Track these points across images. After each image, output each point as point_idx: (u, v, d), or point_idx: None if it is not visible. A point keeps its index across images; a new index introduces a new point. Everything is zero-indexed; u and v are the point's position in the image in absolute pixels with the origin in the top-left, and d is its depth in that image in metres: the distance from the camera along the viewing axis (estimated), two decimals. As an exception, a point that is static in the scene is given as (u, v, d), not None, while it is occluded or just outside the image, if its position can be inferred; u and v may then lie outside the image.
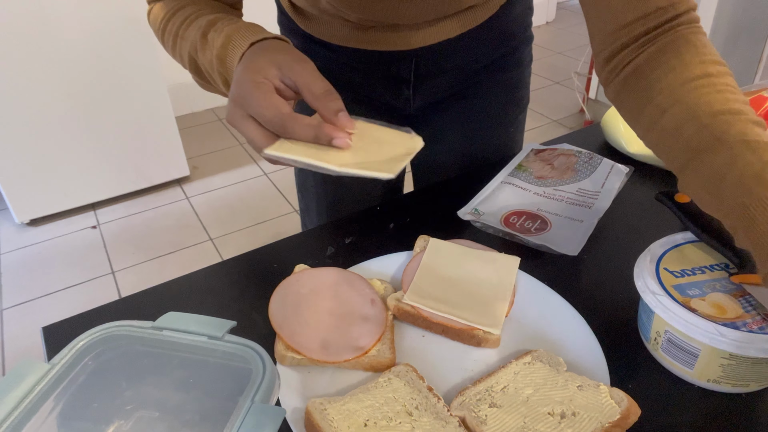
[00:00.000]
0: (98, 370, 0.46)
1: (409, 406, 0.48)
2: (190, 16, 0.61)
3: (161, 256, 2.10)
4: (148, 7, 0.67)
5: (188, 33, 0.61)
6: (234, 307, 0.62)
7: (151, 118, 2.28)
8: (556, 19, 4.11)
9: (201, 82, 0.64)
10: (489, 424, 0.46)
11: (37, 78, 2.00)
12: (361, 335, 0.55)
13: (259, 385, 0.41)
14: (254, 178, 2.54)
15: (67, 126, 2.12)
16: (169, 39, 0.63)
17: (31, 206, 2.20)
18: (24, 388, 0.42)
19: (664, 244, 0.57)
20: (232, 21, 0.58)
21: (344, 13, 0.71)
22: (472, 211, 0.75)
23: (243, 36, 0.55)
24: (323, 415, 0.46)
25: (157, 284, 0.65)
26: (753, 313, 0.49)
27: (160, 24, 0.64)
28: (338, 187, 0.91)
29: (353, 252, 0.69)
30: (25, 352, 1.73)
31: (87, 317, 0.61)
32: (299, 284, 0.60)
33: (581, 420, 0.46)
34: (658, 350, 0.53)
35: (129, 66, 2.14)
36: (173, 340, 0.46)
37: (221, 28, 0.57)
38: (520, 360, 0.53)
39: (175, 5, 0.63)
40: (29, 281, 2.00)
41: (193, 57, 0.61)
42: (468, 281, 0.61)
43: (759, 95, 0.63)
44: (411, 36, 0.76)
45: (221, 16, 0.60)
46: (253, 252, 0.71)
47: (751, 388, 0.51)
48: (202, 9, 0.62)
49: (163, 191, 2.45)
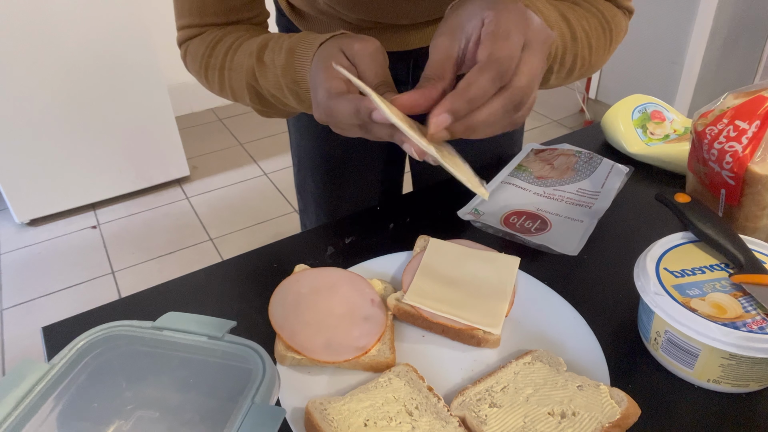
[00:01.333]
0: (98, 370, 0.46)
1: (409, 406, 0.48)
2: (232, 46, 0.59)
3: (161, 256, 2.10)
4: (181, 50, 0.65)
5: (236, 62, 0.58)
6: (234, 307, 0.62)
7: (151, 118, 2.28)
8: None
9: (262, 109, 0.61)
10: (489, 424, 0.46)
11: (38, 78, 2.00)
12: (361, 335, 0.55)
13: (259, 385, 0.41)
14: (254, 178, 2.54)
15: (68, 126, 2.12)
16: (214, 74, 0.61)
17: (31, 206, 2.20)
18: (24, 388, 0.42)
19: (664, 244, 0.57)
20: (283, 37, 0.56)
21: (342, 13, 0.71)
22: (472, 211, 0.75)
23: (306, 43, 0.53)
24: (323, 415, 0.46)
25: (157, 284, 0.65)
26: (753, 313, 0.49)
27: (201, 61, 0.61)
28: (337, 188, 0.91)
29: (353, 252, 0.69)
30: (25, 352, 1.73)
31: (87, 317, 0.61)
32: (299, 284, 0.60)
33: (581, 420, 0.46)
34: (658, 350, 0.53)
35: (129, 66, 2.14)
36: (173, 340, 0.46)
37: (276, 47, 0.55)
38: (520, 360, 0.53)
39: (211, 39, 0.61)
40: (29, 281, 2.00)
41: (251, 84, 0.58)
42: (468, 281, 0.61)
43: (759, 95, 0.63)
44: (409, 37, 0.76)
45: (267, 36, 0.58)
46: (253, 252, 0.71)
47: (751, 388, 0.51)
48: (241, 36, 0.60)
49: (163, 191, 2.45)
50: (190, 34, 0.64)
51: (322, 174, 0.91)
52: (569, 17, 0.56)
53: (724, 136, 0.63)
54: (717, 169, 0.64)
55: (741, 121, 0.63)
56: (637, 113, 0.88)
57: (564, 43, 0.55)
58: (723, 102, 0.66)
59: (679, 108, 2.44)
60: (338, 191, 0.91)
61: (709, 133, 0.65)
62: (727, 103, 0.65)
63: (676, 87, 2.44)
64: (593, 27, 0.59)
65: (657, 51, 2.44)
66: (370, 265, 0.65)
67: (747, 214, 0.64)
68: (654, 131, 0.86)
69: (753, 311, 0.49)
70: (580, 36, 0.57)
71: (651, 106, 0.89)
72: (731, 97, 0.66)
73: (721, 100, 0.67)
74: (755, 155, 0.61)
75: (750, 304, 0.50)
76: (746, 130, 0.62)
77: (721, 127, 0.64)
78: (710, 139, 0.64)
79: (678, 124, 0.88)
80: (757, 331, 0.47)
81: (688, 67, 2.37)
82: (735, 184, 0.62)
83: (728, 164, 0.62)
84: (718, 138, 0.63)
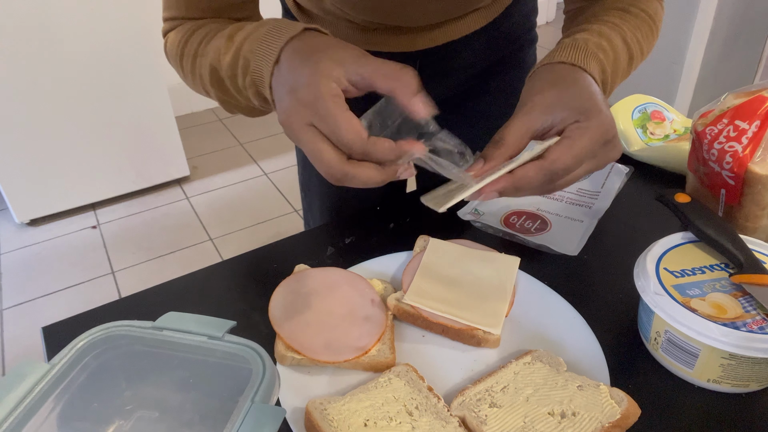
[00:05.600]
0: (98, 370, 0.46)
1: (409, 406, 0.48)
2: (209, 33, 0.57)
3: (161, 256, 2.10)
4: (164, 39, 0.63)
5: (209, 48, 0.56)
6: (234, 307, 0.62)
7: (151, 118, 2.28)
8: (556, 19, 4.11)
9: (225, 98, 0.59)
10: (489, 424, 0.46)
11: (38, 78, 2.00)
12: (361, 335, 0.55)
13: (259, 385, 0.41)
14: (254, 178, 2.54)
15: (68, 126, 2.12)
16: (188, 62, 0.59)
17: (31, 206, 2.20)
18: (24, 388, 0.41)
19: (664, 244, 0.57)
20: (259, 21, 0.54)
21: (349, 14, 0.71)
22: (472, 211, 0.75)
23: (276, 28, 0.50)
24: (323, 415, 0.46)
25: (157, 284, 0.65)
26: (753, 313, 0.49)
27: (177, 49, 0.60)
28: (339, 188, 0.91)
29: (353, 252, 0.69)
30: (25, 352, 1.73)
31: (87, 317, 0.61)
32: (299, 284, 0.60)
33: (581, 420, 0.46)
34: (658, 350, 0.53)
35: (129, 66, 2.14)
36: (173, 340, 0.46)
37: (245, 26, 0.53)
38: (520, 360, 0.53)
39: (191, 27, 0.59)
40: (29, 281, 2.00)
41: (215, 67, 0.55)
42: (468, 281, 0.61)
43: (759, 95, 0.63)
44: (416, 38, 0.76)
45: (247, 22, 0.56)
46: (253, 252, 0.71)
47: (751, 388, 0.51)
48: (221, 25, 0.58)
49: (163, 191, 2.45)
50: (174, 26, 0.62)
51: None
52: (628, 40, 0.61)
53: (724, 136, 0.63)
54: (717, 169, 0.64)
55: (741, 121, 0.63)
56: (637, 113, 0.88)
57: (623, 68, 0.62)
58: (723, 102, 0.66)
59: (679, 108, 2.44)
60: (343, 189, 0.91)
61: (709, 133, 0.65)
62: (727, 103, 0.65)
63: (676, 87, 2.44)
64: (645, 34, 0.63)
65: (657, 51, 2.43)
66: (370, 265, 0.65)
67: (747, 214, 0.64)
68: (654, 131, 0.86)
69: (753, 311, 0.49)
70: (636, 54, 0.63)
71: (651, 106, 0.89)
72: (731, 97, 0.66)
73: (721, 100, 0.67)
74: (755, 155, 0.61)
75: (750, 304, 0.50)
76: (746, 130, 0.62)
77: (721, 127, 0.64)
78: (710, 139, 0.64)
79: (678, 124, 0.88)
80: (757, 331, 0.47)
81: (688, 67, 2.37)
82: (735, 184, 0.62)
83: (728, 164, 0.62)
84: (718, 138, 0.64)
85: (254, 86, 0.52)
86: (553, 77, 0.54)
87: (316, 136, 0.44)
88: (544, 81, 0.54)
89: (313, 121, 0.44)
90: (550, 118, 0.50)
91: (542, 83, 0.53)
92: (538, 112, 0.50)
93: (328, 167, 0.44)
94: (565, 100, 0.51)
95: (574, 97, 0.51)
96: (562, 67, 0.55)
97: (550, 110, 0.50)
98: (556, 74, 0.54)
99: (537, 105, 0.51)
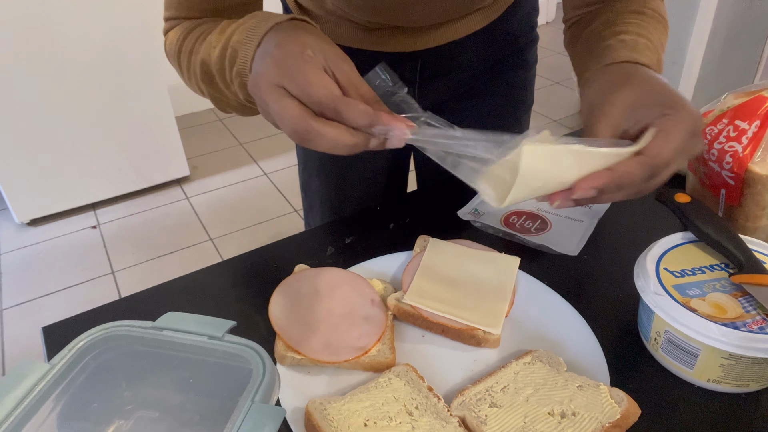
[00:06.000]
0: (98, 370, 0.46)
1: (409, 406, 0.48)
2: (205, 31, 0.57)
3: (161, 256, 2.10)
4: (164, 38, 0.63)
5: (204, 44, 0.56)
6: (234, 307, 0.62)
7: (151, 118, 2.28)
8: (556, 19, 4.11)
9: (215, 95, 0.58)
10: (489, 424, 0.46)
11: (38, 78, 2.00)
12: (361, 335, 0.55)
13: (259, 385, 0.41)
14: (254, 178, 2.54)
15: (67, 126, 2.12)
16: (184, 59, 0.58)
17: (31, 206, 2.20)
18: (24, 388, 0.42)
19: (664, 244, 0.57)
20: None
21: (350, 14, 0.70)
22: (472, 211, 0.75)
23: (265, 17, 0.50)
24: (323, 415, 0.46)
25: (157, 284, 0.65)
26: (753, 313, 0.49)
27: (175, 47, 0.59)
28: (342, 186, 0.91)
29: (353, 252, 0.69)
30: (25, 352, 1.73)
31: (87, 317, 0.61)
32: (299, 284, 0.60)
33: (581, 420, 0.46)
34: (658, 350, 0.53)
35: (129, 66, 2.14)
36: (173, 340, 0.46)
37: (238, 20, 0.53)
38: (520, 360, 0.53)
39: (189, 25, 0.59)
40: (29, 281, 2.00)
41: (206, 62, 0.54)
42: (468, 281, 0.61)
43: (759, 95, 0.63)
44: (418, 38, 0.76)
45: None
46: (253, 252, 0.71)
47: (751, 388, 0.51)
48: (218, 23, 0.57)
49: (163, 191, 2.45)
50: (174, 25, 0.62)
51: (327, 172, 0.91)
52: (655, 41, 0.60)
53: (724, 136, 0.63)
54: (717, 169, 0.64)
55: (741, 121, 0.63)
56: (637, 113, 0.88)
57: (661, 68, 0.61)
58: (723, 102, 0.66)
59: (679, 108, 2.43)
60: (343, 189, 0.91)
61: (709, 133, 0.65)
62: (727, 103, 0.65)
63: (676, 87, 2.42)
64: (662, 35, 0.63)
65: (657, 51, 2.44)
66: (370, 265, 0.65)
67: (747, 214, 0.64)
68: (654, 131, 0.86)
69: (753, 311, 0.49)
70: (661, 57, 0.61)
71: (651, 106, 0.89)
72: (731, 97, 0.66)
73: (721, 100, 0.67)
74: (755, 155, 0.61)
75: (750, 304, 0.50)
76: (746, 130, 0.62)
77: (721, 127, 0.64)
78: (710, 139, 0.64)
79: (678, 124, 0.88)
80: (757, 331, 0.47)
81: (688, 67, 2.37)
82: (735, 184, 0.62)
83: (728, 164, 0.62)
84: (718, 138, 0.64)
85: (240, 77, 0.51)
86: (621, 76, 0.52)
87: (283, 95, 0.43)
88: (612, 81, 0.52)
89: (283, 83, 0.43)
90: (633, 115, 0.48)
91: (612, 84, 0.52)
92: (619, 111, 0.49)
93: (293, 122, 0.42)
94: (644, 95, 0.49)
95: (654, 92, 0.49)
96: (626, 66, 0.54)
97: (631, 107, 0.49)
98: (623, 73, 0.53)
99: (616, 104, 0.49)
